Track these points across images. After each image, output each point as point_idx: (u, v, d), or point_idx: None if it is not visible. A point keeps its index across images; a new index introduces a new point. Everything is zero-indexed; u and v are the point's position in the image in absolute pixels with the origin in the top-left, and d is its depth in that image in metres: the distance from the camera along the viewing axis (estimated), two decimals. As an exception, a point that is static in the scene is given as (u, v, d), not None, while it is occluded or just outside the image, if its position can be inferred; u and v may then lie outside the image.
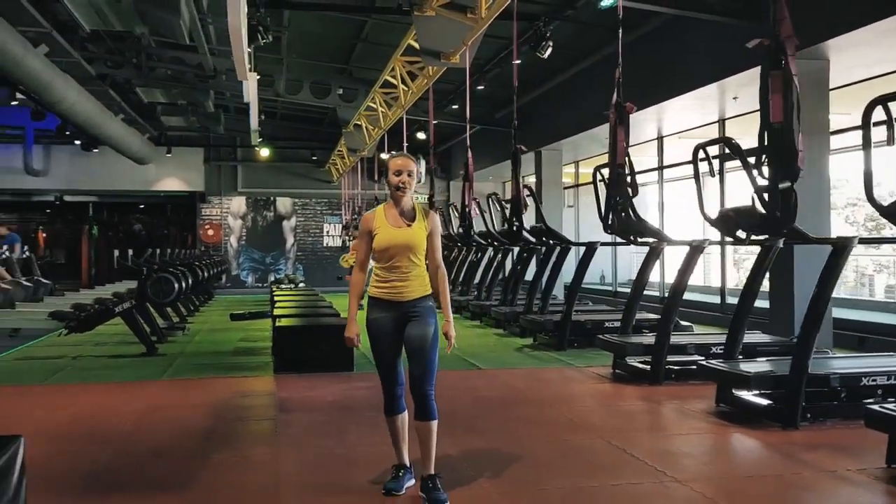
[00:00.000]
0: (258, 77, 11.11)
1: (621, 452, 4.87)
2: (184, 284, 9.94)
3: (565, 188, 17.81)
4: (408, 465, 4.08)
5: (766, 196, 5.27)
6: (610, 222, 7.45)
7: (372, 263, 4.12)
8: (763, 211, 5.48)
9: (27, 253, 16.17)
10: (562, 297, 13.72)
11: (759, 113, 5.39)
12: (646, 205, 16.10)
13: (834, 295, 5.87)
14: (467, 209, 11.08)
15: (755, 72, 5.60)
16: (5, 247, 15.17)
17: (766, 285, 8.21)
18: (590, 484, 4.26)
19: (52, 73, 11.06)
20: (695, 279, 13.52)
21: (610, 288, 17.36)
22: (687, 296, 13.51)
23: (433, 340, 3.93)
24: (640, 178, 7.51)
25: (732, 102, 11.16)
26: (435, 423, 3.93)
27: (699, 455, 5.07)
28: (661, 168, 14.54)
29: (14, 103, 14.61)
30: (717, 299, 12.60)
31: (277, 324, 8.15)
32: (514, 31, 9.44)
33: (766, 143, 5.28)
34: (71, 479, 4.33)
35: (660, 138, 14.41)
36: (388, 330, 3.97)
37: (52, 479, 4.31)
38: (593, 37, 12.07)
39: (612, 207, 7.29)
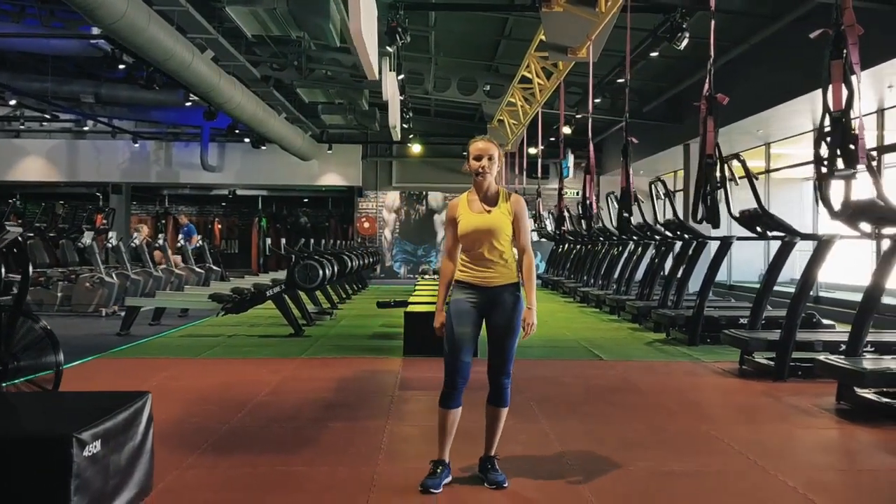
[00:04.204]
0: (402, 76, 11.62)
1: (716, 440, 4.88)
2: (328, 272, 10.63)
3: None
4: (447, 461, 3.95)
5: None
6: (699, 214, 7.38)
7: None
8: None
9: (200, 242, 17.73)
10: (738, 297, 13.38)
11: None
12: None
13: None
14: (588, 202, 11.08)
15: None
16: (180, 236, 16.76)
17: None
18: (673, 468, 4.33)
19: (217, 76, 12.10)
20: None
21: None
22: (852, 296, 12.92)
23: (516, 329, 3.89)
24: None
25: (888, 91, 10.50)
26: (506, 410, 3.98)
27: (798, 447, 4.96)
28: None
29: (188, 104, 16.09)
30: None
31: (407, 310, 8.62)
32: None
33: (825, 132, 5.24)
34: (202, 436, 4.89)
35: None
36: (468, 312, 3.87)
37: (183, 435, 4.93)
38: (744, 25, 11.77)
39: (702, 199, 7.16)
